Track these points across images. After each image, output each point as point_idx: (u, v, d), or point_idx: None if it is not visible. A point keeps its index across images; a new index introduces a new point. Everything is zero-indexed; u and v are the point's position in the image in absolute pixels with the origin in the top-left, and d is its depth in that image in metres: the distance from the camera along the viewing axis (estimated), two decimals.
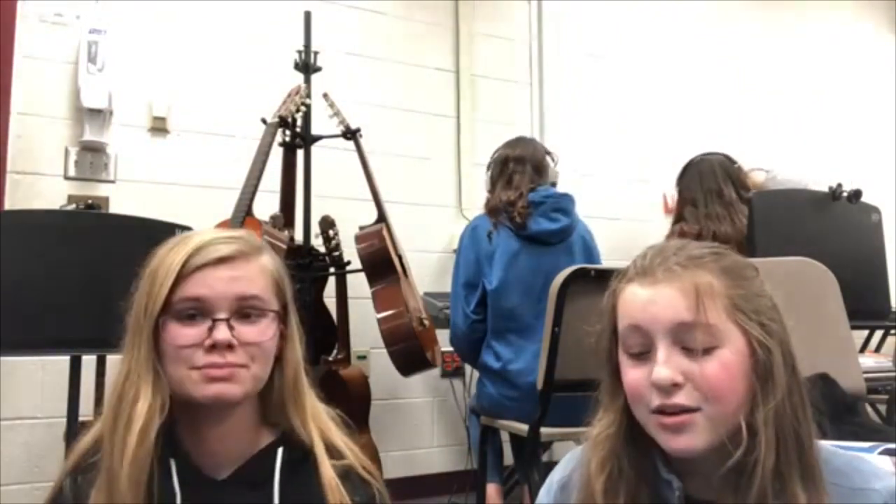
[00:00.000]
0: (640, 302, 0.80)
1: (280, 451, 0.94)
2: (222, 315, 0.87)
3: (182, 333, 0.86)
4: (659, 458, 0.81)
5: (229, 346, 0.86)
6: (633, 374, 0.79)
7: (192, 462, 0.90)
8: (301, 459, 0.94)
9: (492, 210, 2.40)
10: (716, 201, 2.56)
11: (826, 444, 0.79)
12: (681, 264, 0.79)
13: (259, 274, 0.91)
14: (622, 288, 0.83)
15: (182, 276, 0.87)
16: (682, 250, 0.82)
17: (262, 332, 0.89)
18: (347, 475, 0.94)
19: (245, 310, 0.89)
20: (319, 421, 0.97)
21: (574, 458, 0.91)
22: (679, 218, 2.67)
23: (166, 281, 0.87)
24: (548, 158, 2.53)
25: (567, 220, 2.37)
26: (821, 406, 0.80)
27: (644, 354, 0.79)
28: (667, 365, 0.76)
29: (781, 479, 0.74)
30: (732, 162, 2.68)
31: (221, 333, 0.86)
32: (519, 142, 2.57)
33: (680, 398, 0.76)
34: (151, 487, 0.85)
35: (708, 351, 0.76)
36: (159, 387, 0.86)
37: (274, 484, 0.91)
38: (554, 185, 2.51)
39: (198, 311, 0.87)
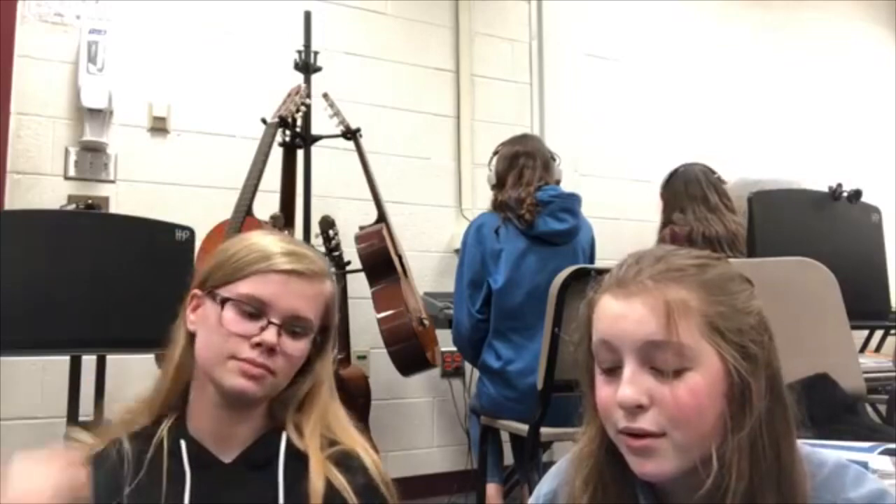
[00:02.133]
0: (611, 316, 0.75)
1: (284, 435, 0.97)
2: (277, 320, 0.92)
3: (238, 322, 0.92)
4: (638, 483, 0.78)
5: (271, 350, 0.92)
6: (603, 391, 0.75)
7: (200, 444, 0.95)
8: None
9: (500, 206, 2.38)
10: (702, 206, 2.63)
11: (818, 453, 0.76)
12: (654, 278, 0.74)
13: (317, 299, 0.97)
14: (597, 298, 0.78)
15: (259, 270, 0.93)
16: (662, 260, 0.76)
17: (300, 349, 0.96)
18: (348, 457, 0.97)
19: (294, 326, 0.94)
20: (337, 430, 0.99)
21: (561, 471, 0.88)
22: (667, 223, 2.71)
23: (243, 265, 0.94)
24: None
25: (574, 221, 2.37)
26: (807, 416, 0.76)
27: (615, 371, 0.74)
28: (632, 385, 0.72)
29: (753, 501, 0.71)
30: (713, 172, 2.75)
31: (271, 336, 0.91)
32: (526, 138, 2.57)
33: (644, 422, 0.71)
34: (161, 467, 0.90)
35: (678, 373, 0.71)
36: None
37: (279, 466, 0.95)
38: (558, 182, 2.51)
39: (257, 310, 0.93)
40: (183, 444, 0.93)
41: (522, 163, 2.42)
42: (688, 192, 2.67)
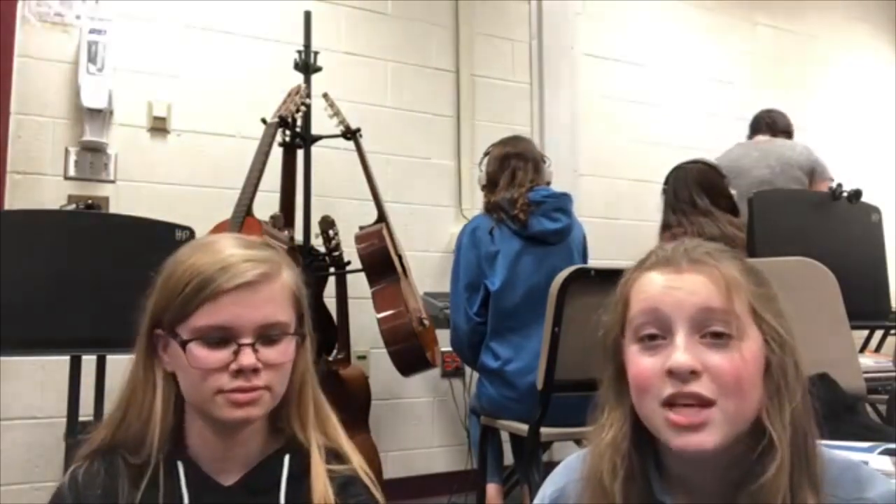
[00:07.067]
0: (662, 287, 0.76)
1: (287, 457, 0.94)
2: (247, 340, 0.87)
3: (208, 357, 0.87)
4: (654, 475, 0.78)
5: (254, 370, 0.87)
6: (643, 363, 0.76)
7: (199, 467, 0.92)
8: (307, 466, 0.93)
9: (493, 207, 2.38)
10: (690, 211, 2.53)
11: (824, 450, 0.77)
12: (708, 254, 0.78)
13: (281, 295, 0.91)
14: (638, 276, 0.79)
15: (206, 298, 0.87)
16: (702, 245, 0.80)
17: (284, 352, 0.91)
18: (352, 482, 0.94)
19: (268, 335, 0.89)
20: (327, 427, 0.97)
21: (567, 470, 0.87)
22: (666, 225, 2.67)
23: (189, 298, 0.87)
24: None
25: (567, 220, 2.38)
26: (819, 408, 0.78)
27: (657, 343, 0.75)
28: (686, 351, 0.73)
29: (795, 490, 0.71)
30: (711, 168, 2.64)
31: (248, 359, 0.86)
32: (516, 139, 2.57)
33: (697, 387, 0.72)
34: (158, 489, 0.87)
35: (728, 344, 0.73)
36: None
37: (280, 490, 0.92)
38: (548, 184, 2.51)
39: (223, 336, 0.87)
40: (180, 466, 0.91)
41: (514, 164, 2.42)
42: (677, 195, 2.58)
